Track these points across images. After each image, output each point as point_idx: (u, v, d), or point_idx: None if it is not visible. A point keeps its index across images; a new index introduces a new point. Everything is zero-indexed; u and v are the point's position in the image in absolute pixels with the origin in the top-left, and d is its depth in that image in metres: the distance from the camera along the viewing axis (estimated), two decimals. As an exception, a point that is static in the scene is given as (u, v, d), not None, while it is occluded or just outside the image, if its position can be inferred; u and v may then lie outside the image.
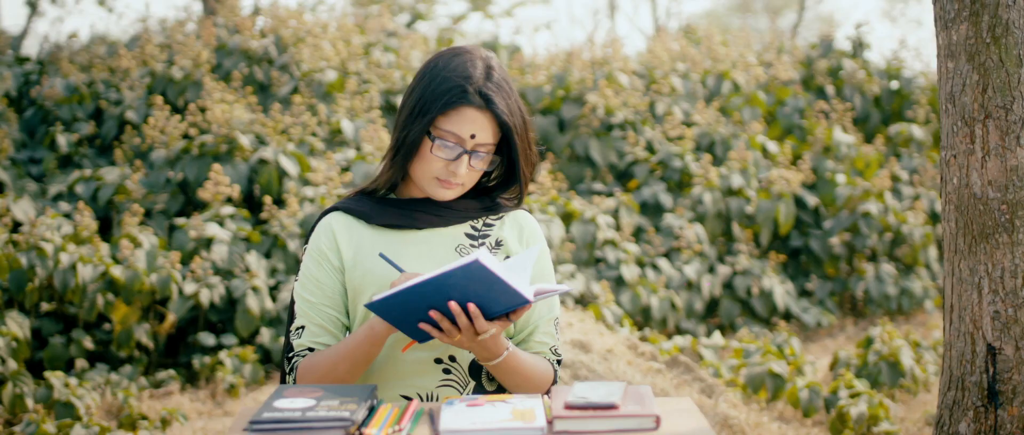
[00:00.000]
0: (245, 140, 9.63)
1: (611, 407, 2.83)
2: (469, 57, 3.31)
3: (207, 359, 8.14)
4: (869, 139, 12.33)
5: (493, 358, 3.21)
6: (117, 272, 8.10)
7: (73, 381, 7.40)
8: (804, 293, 10.72)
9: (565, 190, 10.59)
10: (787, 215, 10.46)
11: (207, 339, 8.37)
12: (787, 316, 10.21)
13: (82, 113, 11.07)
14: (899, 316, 10.45)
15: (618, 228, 10.10)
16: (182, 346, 8.57)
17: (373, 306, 3.04)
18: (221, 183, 8.97)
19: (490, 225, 3.41)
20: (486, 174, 3.42)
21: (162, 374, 8.06)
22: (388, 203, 3.39)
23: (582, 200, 10.26)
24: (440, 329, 3.07)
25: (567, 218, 9.82)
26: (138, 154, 10.30)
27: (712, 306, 10.15)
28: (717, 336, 8.61)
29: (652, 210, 10.58)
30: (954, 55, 4.11)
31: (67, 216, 9.07)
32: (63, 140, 10.57)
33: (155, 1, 27.99)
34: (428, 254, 3.31)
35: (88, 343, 8.15)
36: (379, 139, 10.05)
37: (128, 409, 7.11)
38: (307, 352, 3.31)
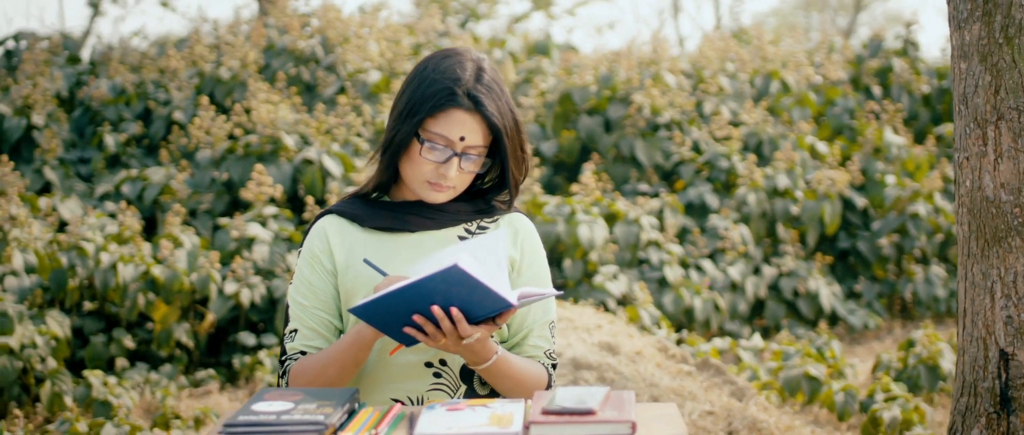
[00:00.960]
0: (289, 140, 9.67)
1: (588, 413, 2.80)
2: (459, 59, 3.30)
3: (247, 359, 8.18)
4: (919, 139, 12.19)
5: (481, 362, 3.19)
6: (157, 272, 8.15)
7: (112, 380, 7.46)
8: (852, 295, 10.61)
9: (610, 191, 10.55)
10: (833, 216, 10.36)
11: (247, 339, 8.40)
12: (833, 318, 10.12)
13: (130, 113, 11.15)
14: (948, 318, 10.33)
15: (662, 229, 10.05)
16: (223, 346, 8.61)
17: (356, 311, 3.03)
18: (264, 183, 9.01)
19: (484, 228, 3.39)
20: (479, 176, 3.39)
21: (202, 373, 8.11)
22: (381, 206, 3.38)
23: (626, 201, 10.21)
24: (425, 333, 3.05)
25: (611, 219, 9.78)
26: (185, 154, 10.37)
27: (758, 308, 10.08)
28: (756, 338, 8.55)
29: (697, 211, 10.51)
30: (967, 56, 4.05)
31: (112, 216, 9.15)
32: (111, 140, 10.65)
33: (217, 1, 28.17)
34: (420, 257, 3.29)
35: (128, 342, 8.20)
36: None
37: (162, 408, 7.15)
38: (300, 355, 3.30)
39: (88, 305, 8.44)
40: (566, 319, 6.69)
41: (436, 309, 3.00)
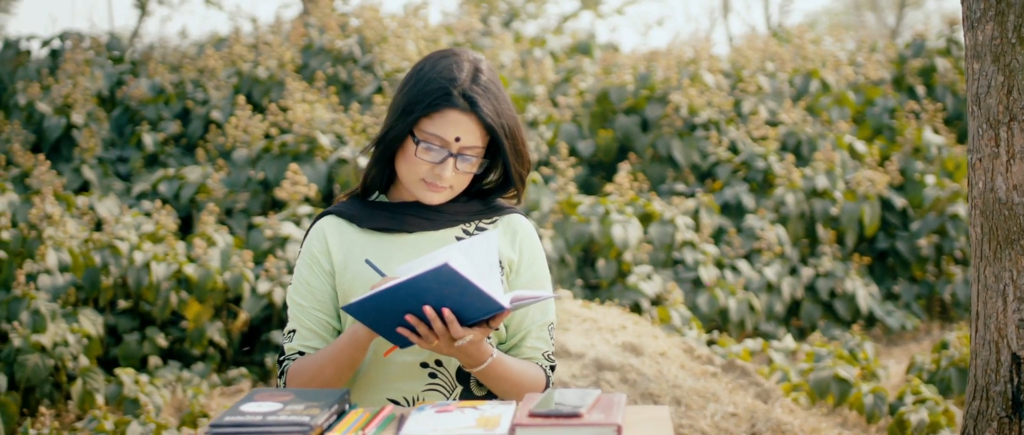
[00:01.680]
0: (325, 140, 9.69)
1: (574, 416, 2.78)
2: (456, 59, 3.29)
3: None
4: (962, 139, 12.08)
5: (476, 365, 3.18)
6: (190, 270, 8.19)
7: (144, 378, 7.50)
8: (890, 296, 10.52)
9: (646, 191, 10.51)
10: (872, 216, 10.28)
11: (280, 338, 8.42)
12: (871, 319, 10.04)
13: (168, 113, 11.22)
14: (987, 320, 10.20)
15: (697, 229, 10.01)
16: (256, 344, 8.64)
17: (350, 309, 3.03)
18: (299, 182, 9.03)
19: (482, 229, 3.38)
20: (478, 177, 3.38)
21: (234, 372, 8.14)
22: (379, 207, 3.38)
23: (662, 201, 10.17)
24: (418, 334, 3.05)
25: (646, 219, 9.75)
26: (222, 153, 10.42)
27: (794, 309, 10.02)
28: (788, 339, 8.50)
29: (734, 211, 10.46)
30: (980, 56, 4.00)
31: (147, 214, 9.20)
32: (149, 139, 10.71)
33: (264, 0, 28.32)
34: (417, 258, 3.28)
35: (161, 341, 8.25)
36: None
37: (191, 406, 7.18)
38: (297, 356, 3.31)
39: (123, 304, 8.49)
40: (590, 320, 6.67)
41: (428, 309, 3.00)
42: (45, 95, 11.13)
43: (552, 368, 3.41)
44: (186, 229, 9.65)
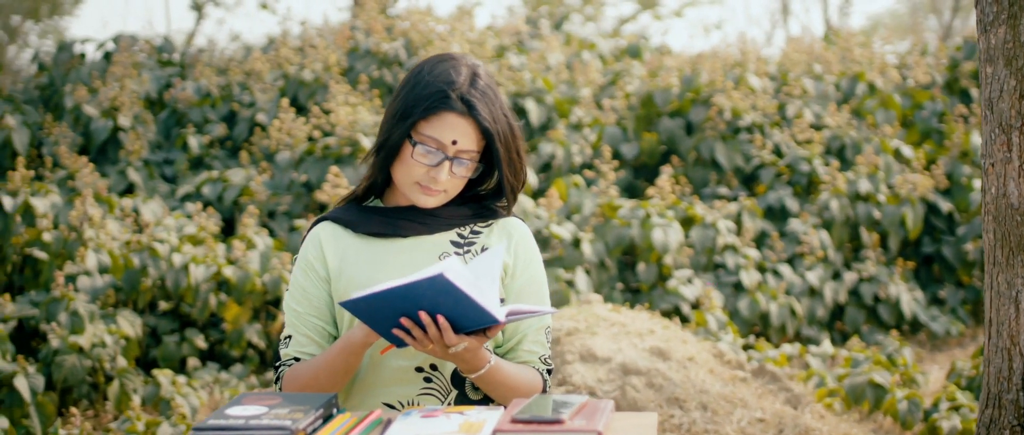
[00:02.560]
0: (367, 142, 9.72)
1: (556, 422, 2.78)
2: (454, 63, 3.30)
3: (317, 359, 8.22)
4: (1012, 143, 11.92)
5: (473, 371, 3.18)
6: (229, 272, 8.24)
7: (181, 380, 7.55)
8: (936, 301, 10.42)
9: (688, 194, 10.47)
10: (915, 220, 10.19)
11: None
12: (915, 324, 9.95)
13: (214, 115, 11.29)
14: (1035, 326, 10.08)
15: (739, 233, 9.95)
16: (294, 346, 8.66)
17: (347, 306, 3.03)
18: (340, 185, 9.06)
19: (477, 233, 3.37)
20: (474, 182, 3.38)
21: (272, 374, 8.18)
22: (374, 211, 3.38)
23: (704, 205, 10.12)
24: (413, 337, 3.05)
25: (688, 223, 9.70)
26: (266, 156, 10.47)
27: (837, 314, 9.94)
28: (826, 344, 8.44)
29: (777, 215, 10.40)
30: (993, 59, 3.95)
31: (189, 217, 9.27)
32: (195, 142, 10.79)
33: (317, 4, 28.42)
34: (411, 262, 3.29)
35: (200, 342, 8.30)
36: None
37: (225, 408, 7.20)
38: (293, 362, 3.32)
39: (163, 305, 8.55)
40: (619, 324, 6.65)
41: (422, 315, 3.00)
42: (93, 98, 11.23)
43: (548, 372, 3.41)
44: (230, 231, 9.71)
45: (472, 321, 3.02)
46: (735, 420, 5.95)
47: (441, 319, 3.00)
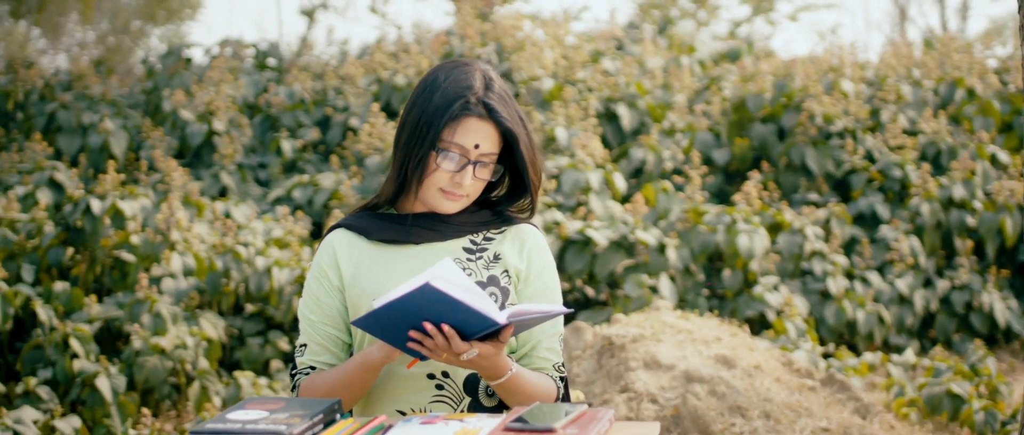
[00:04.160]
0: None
1: (548, 431, 2.78)
2: (468, 70, 3.32)
3: (399, 361, 8.27)
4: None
5: (494, 378, 3.19)
6: (311, 276, 8.32)
7: (263, 381, 7.65)
8: (1032, 310, 10.22)
9: (778, 200, 10.38)
10: (1014, 227, 10.00)
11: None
12: (1008, 333, 9.77)
13: (307, 120, 11.42)
14: None
15: (827, 239, 9.84)
16: (378, 349, 8.72)
17: (358, 324, 3.06)
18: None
19: (490, 239, 3.38)
20: (490, 186, 3.40)
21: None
22: (387, 218, 3.40)
23: (793, 211, 10.02)
24: (426, 347, 3.07)
25: (775, 229, 9.62)
26: (358, 160, 10.57)
27: (929, 322, 9.79)
28: (909, 353, 8.32)
29: (868, 221, 10.27)
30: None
31: (277, 220, 9.38)
32: (288, 146, 10.92)
33: (423, 8, 28.60)
34: (423, 269, 3.29)
35: (283, 344, 8.39)
36: (591, 147, 10.07)
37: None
38: (309, 370, 3.34)
39: (249, 308, 8.66)
40: (685, 331, 6.61)
41: (427, 325, 3.01)
42: (190, 102, 11.42)
43: (562, 379, 3.40)
44: (320, 235, 9.81)
45: (476, 326, 3.02)
46: (798, 429, 5.89)
47: (446, 328, 3.01)
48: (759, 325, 8.85)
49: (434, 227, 3.35)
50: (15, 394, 7.25)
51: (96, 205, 8.39)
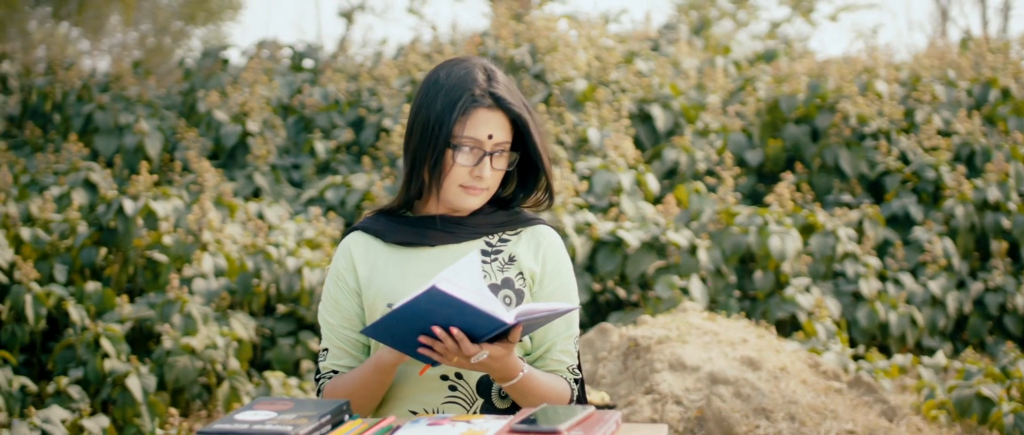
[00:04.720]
0: (487, 147, 9.76)
1: (554, 432, 2.78)
2: (467, 65, 3.33)
3: (431, 362, 8.29)
4: None
5: (506, 380, 3.19)
6: (343, 276, 8.34)
7: (293, 381, 7.68)
8: (1067, 313, 10.13)
9: (810, 201, 10.34)
10: (1049, 230, 9.93)
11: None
12: (1042, 336, 9.71)
13: (341, 121, 11.46)
14: None
15: (860, 241, 9.80)
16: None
17: (367, 332, 3.08)
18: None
19: (505, 240, 3.38)
20: (503, 183, 3.40)
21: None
22: (403, 221, 3.41)
23: (825, 212, 9.98)
24: (437, 352, 3.08)
25: (807, 230, 9.58)
26: (391, 161, 10.60)
27: (962, 323, 9.74)
28: (940, 356, 8.28)
29: (901, 223, 10.22)
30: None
31: (309, 221, 9.42)
32: (321, 147, 10.96)
33: (461, 9, 28.61)
34: (437, 271, 3.29)
35: (314, 345, 8.42)
36: (623, 148, 10.06)
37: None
38: (332, 374, 3.36)
39: (281, 308, 8.69)
40: (711, 333, 6.60)
41: (436, 329, 3.02)
42: (225, 103, 11.48)
43: (577, 381, 3.40)
44: (353, 236, 9.83)
45: (485, 328, 3.03)
46: (823, 431, 5.87)
47: (454, 331, 3.02)
48: (790, 327, 8.82)
49: (449, 229, 3.36)
50: (47, 393, 7.31)
51: (129, 206, 8.45)
